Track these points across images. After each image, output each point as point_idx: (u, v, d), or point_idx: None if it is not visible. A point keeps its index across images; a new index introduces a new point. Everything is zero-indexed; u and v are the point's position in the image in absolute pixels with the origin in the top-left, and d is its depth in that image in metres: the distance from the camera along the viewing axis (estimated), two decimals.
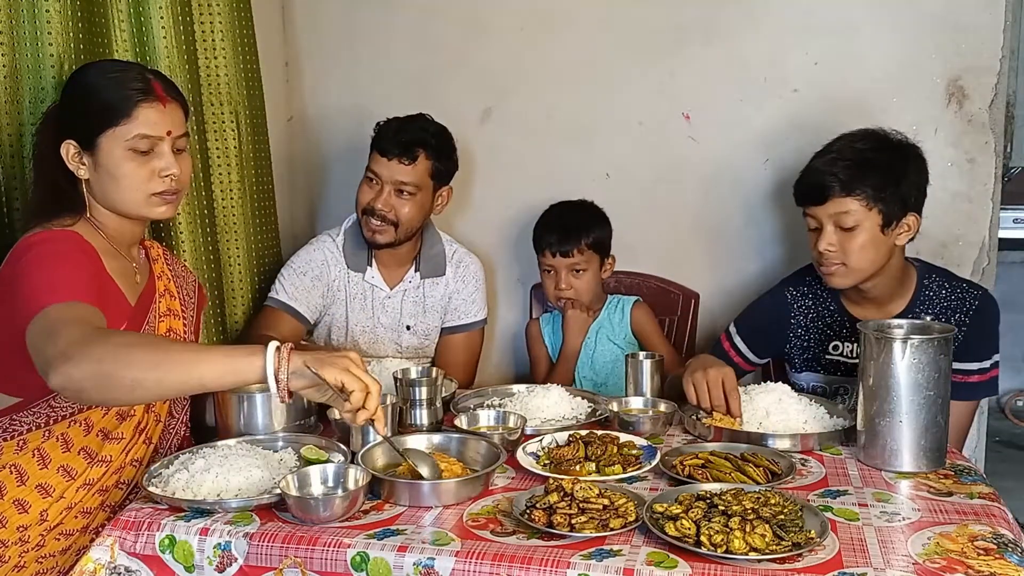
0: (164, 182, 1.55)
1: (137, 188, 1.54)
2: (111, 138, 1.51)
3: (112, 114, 1.50)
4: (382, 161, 2.12)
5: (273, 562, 1.27)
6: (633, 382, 1.89)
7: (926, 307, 1.87)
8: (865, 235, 1.79)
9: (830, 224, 1.80)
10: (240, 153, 2.16)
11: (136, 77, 1.54)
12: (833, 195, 1.78)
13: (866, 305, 1.92)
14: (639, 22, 2.41)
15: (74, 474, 1.53)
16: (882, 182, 1.78)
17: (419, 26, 2.55)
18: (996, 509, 1.35)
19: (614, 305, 2.36)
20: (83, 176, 1.54)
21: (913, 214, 1.82)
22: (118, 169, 1.52)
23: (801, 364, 2.03)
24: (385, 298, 2.26)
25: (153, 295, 1.66)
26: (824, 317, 1.98)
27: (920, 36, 2.24)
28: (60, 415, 1.53)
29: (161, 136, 1.54)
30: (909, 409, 1.50)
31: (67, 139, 1.53)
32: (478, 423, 1.71)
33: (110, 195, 1.55)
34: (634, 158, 2.47)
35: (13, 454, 1.51)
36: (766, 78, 2.35)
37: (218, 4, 2.08)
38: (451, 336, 2.33)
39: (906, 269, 1.90)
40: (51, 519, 1.50)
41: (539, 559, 1.19)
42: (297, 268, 2.22)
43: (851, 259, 1.80)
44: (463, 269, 2.32)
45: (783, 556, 1.17)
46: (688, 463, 1.49)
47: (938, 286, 1.89)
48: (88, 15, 1.76)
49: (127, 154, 1.52)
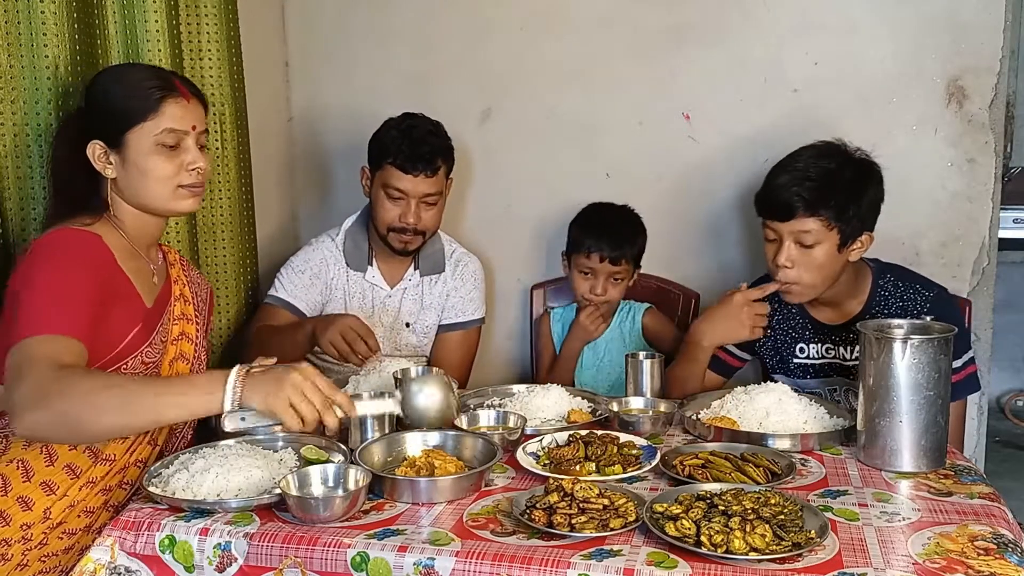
0: (191, 175, 1.61)
1: (166, 181, 1.59)
2: (139, 134, 1.57)
3: (140, 111, 1.56)
4: (406, 178, 2.11)
5: (273, 562, 1.27)
6: (633, 382, 1.88)
7: (882, 307, 1.90)
8: (823, 253, 1.81)
9: (789, 239, 1.82)
10: (223, 155, 2.17)
11: (159, 76, 1.62)
12: (797, 214, 1.79)
13: (824, 308, 1.96)
14: (639, 22, 2.41)
15: (78, 472, 1.53)
16: (845, 204, 1.79)
17: (419, 26, 2.55)
18: (996, 509, 1.35)
19: (625, 313, 2.35)
20: (110, 175, 1.59)
21: (868, 232, 1.85)
22: (147, 163, 1.58)
23: (773, 366, 2.07)
24: (385, 297, 2.26)
25: (169, 298, 1.69)
26: (788, 320, 2.02)
27: (920, 36, 2.24)
28: None
29: (187, 130, 1.60)
30: (909, 409, 1.50)
31: (93, 140, 1.58)
32: (478, 423, 1.71)
33: (139, 190, 1.60)
34: (634, 158, 2.47)
35: (21, 449, 1.52)
36: (766, 78, 2.35)
37: (205, 7, 2.08)
38: (448, 334, 2.33)
39: (859, 270, 1.92)
40: (54, 517, 1.50)
41: (539, 559, 1.19)
42: (296, 267, 2.23)
43: (806, 275, 1.83)
44: (462, 268, 2.32)
45: (783, 556, 1.17)
46: (688, 463, 1.49)
47: (893, 285, 1.91)
48: (83, 17, 1.77)
49: (155, 149, 1.57)
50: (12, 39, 1.67)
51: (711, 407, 1.80)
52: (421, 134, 2.12)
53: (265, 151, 2.55)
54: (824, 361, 1.99)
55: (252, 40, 2.30)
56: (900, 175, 2.29)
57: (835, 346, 1.97)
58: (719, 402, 1.80)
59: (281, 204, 2.67)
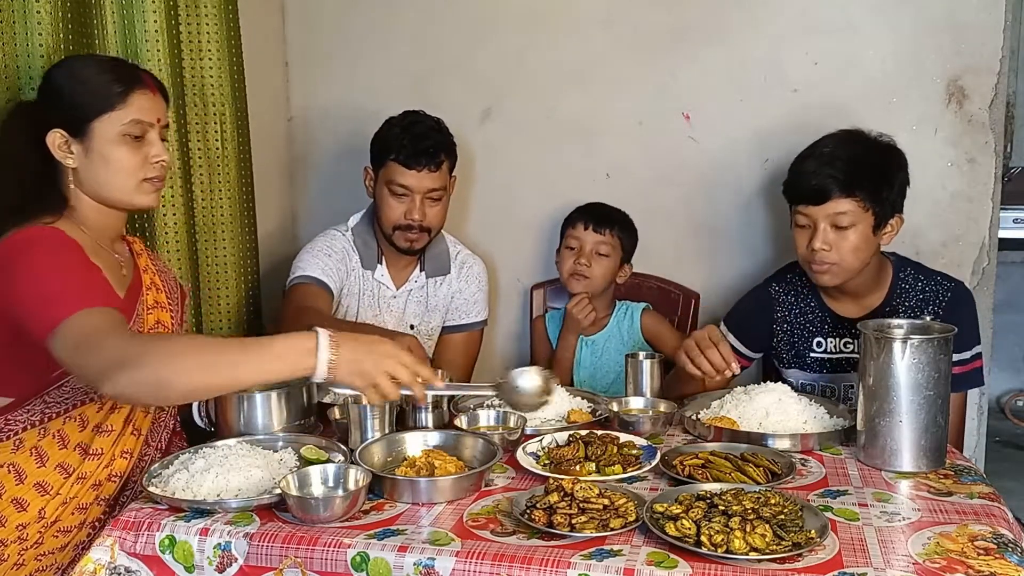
0: (155, 168, 1.59)
1: (130, 173, 1.56)
2: (105, 123, 1.53)
3: (106, 100, 1.53)
4: (410, 173, 2.10)
5: (273, 562, 1.27)
6: (633, 382, 1.88)
7: (902, 300, 1.91)
8: (858, 236, 1.82)
9: (825, 223, 1.82)
10: (223, 155, 2.17)
11: (125, 67, 1.60)
12: (833, 196, 1.80)
13: (845, 300, 1.96)
14: (639, 22, 2.41)
15: (70, 470, 1.53)
16: (878, 185, 1.82)
17: (419, 26, 2.55)
18: (996, 509, 1.35)
19: (623, 313, 2.35)
20: (71, 165, 1.55)
21: (898, 215, 1.88)
22: (112, 153, 1.54)
23: (789, 361, 2.06)
24: (391, 297, 2.26)
25: (140, 288, 1.66)
26: (806, 314, 2.01)
27: (920, 36, 2.24)
28: (55, 412, 1.54)
29: (152, 123, 1.58)
30: (909, 409, 1.50)
31: (53, 129, 1.53)
32: (478, 423, 1.71)
33: (102, 182, 1.56)
34: (634, 158, 2.47)
35: (10, 454, 1.51)
36: (766, 78, 2.35)
37: (205, 7, 2.08)
38: (451, 335, 2.33)
39: (882, 263, 1.95)
40: (49, 516, 1.50)
41: (539, 559, 1.19)
42: (320, 249, 2.18)
43: (844, 259, 1.83)
44: (467, 270, 2.32)
45: (783, 556, 1.18)
46: (688, 463, 1.49)
47: (913, 279, 1.93)
48: (78, 15, 1.77)
49: (121, 139, 1.54)
50: (7, 39, 1.67)
51: (711, 407, 1.80)
52: (423, 129, 2.13)
53: (265, 151, 2.55)
54: (842, 356, 1.98)
55: (252, 40, 2.30)
56: None
57: (853, 340, 1.96)
58: (719, 402, 1.80)
59: (281, 204, 2.67)
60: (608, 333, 2.33)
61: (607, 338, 2.33)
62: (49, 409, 1.53)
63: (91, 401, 1.56)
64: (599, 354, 2.33)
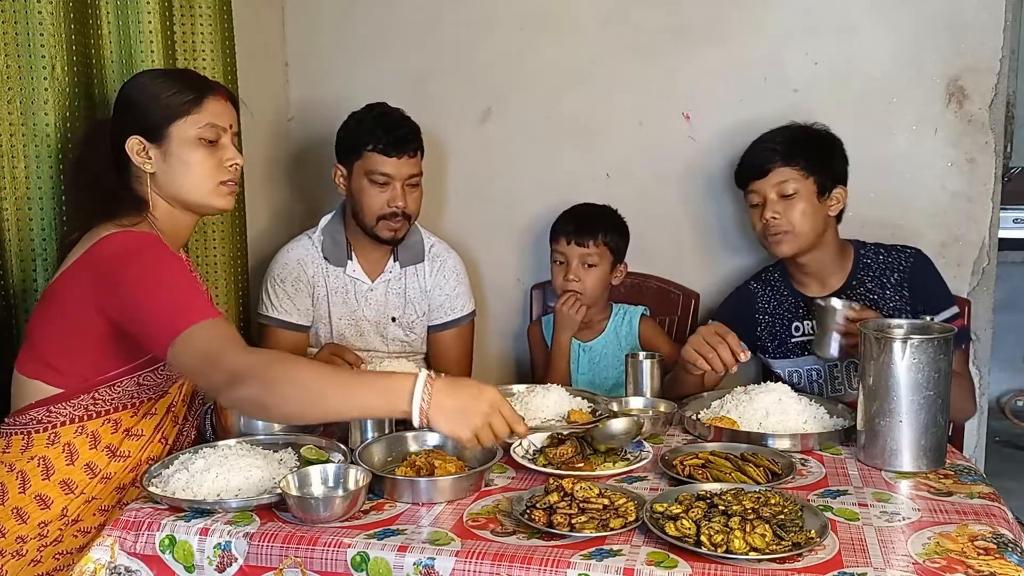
0: (230, 171, 1.64)
1: (208, 175, 1.62)
2: (182, 127, 1.59)
3: (183, 105, 1.59)
4: (390, 161, 2.12)
5: (273, 562, 1.27)
6: (633, 382, 1.88)
7: (866, 272, 2.02)
8: (804, 202, 1.96)
9: (772, 193, 1.98)
10: None
11: (198, 76, 1.69)
12: (775, 166, 1.97)
13: (809, 281, 2.07)
14: (639, 22, 2.41)
15: (96, 470, 1.55)
16: (815, 155, 1.98)
17: (419, 26, 2.55)
18: (996, 509, 1.35)
19: (620, 316, 2.34)
20: (149, 170, 1.60)
21: (841, 187, 2.01)
22: (190, 156, 1.60)
23: (773, 350, 2.12)
24: (367, 291, 2.26)
25: None
26: (781, 302, 2.11)
27: (920, 36, 2.24)
28: (98, 411, 1.55)
29: (225, 127, 1.64)
30: (909, 409, 1.50)
31: (132, 136, 1.59)
32: None
33: (180, 184, 1.61)
34: (634, 158, 2.47)
35: (44, 447, 1.52)
36: (766, 78, 2.35)
37: (199, 7, 2.08)
38: (441, 334, 2.33)
39: (844, 247, 2.06)
40: (71, 514, 1.52)
41: (539, 559, 1.19)
42: (276, 276, 2.24)
43: (795, 224, 1.96)
44: (440, 263, 2.31)
45: (783, 556, 1.18)
46: (688, 463, 1.49)
47: (874, 253, 2.05)
48: (79, 17, 1.77)
49: (197, 142, 1.60)
50: (9, 40, 1.68)
51: (711, 407, 1.81)
52: (395, 119, 2.16)
53: (265, 151, 2.55)
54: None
55: (252, 40, 2.30)
56: (900, 175, 2.30)
57: None
58: (719, 402, 1.81)
59: (281, 203, 2.66)
60: (606, 339, 2.32)
61: (605, 344, 2.32)
62: (95, 406, 1.55)
63: (131, 406, 1.59)
64: (597, 359, 2.32)
